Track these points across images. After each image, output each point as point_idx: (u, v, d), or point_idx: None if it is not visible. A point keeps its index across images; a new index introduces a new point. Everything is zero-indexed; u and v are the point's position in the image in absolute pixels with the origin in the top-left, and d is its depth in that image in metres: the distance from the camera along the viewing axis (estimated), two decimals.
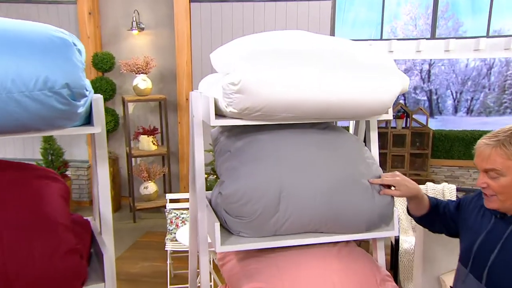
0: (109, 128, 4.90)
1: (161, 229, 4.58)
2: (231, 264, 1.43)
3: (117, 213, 5.12)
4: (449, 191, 3.30)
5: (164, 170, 4.89)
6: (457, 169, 5.13)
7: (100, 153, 1.12)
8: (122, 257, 3.95)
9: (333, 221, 1.30)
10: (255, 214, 1.26)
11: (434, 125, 5.24)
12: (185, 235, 3.01)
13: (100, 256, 1.04)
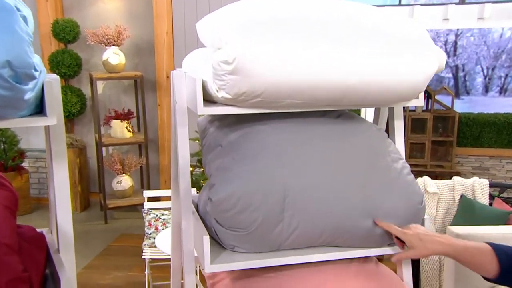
0: (75, 112, 4.79)
1: (137, 231, 4.52)
2: (223, 285, 1.36)
3: (85, 212, 5.05)
4: (480, 187, 3.25)
5: (141, 162, 4.81)
6: (487, 159, 5.10)
7: (57, 150, 1.03)
8: (91, 266, 3.88)
9: (352, 232, 1.23)
10: (254, 225, 1.19)
11: (460, 108, 5.19)
12: (166, 241, 2.95)
13: (58, 280, 0.96)
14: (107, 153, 5.19)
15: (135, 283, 3.61)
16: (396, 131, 1.43)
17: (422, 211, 1.27)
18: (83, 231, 4.57)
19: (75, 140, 4.84)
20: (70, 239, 1.05)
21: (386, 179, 1.25)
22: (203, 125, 1.49)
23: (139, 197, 4.78)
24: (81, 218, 4.89)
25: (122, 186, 4.78)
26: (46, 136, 1.10)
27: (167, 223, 3.41)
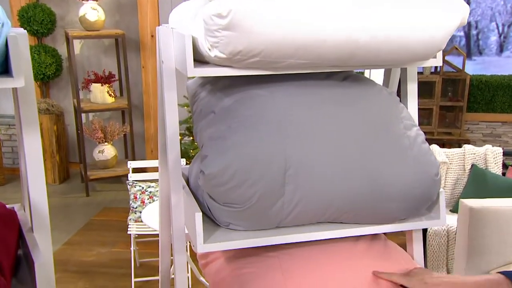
0: (50, 74, 4.68)
1: (121, 204, 4.50)
2: (217, 265, 1.34)
3: (64, 184, 5.01)
4: (493, 155, 3.24)
5: (124, 130, 4.74)
6: (499, 126, 5.08)
7: (26, 116, 0.97)
8: (72, 242, 3.87)
9: (360, 207, 1.20)
10: (251, 201, 1.15)
11: (472, 69, 5.11)
12: (153, 216, 2.92)
13: (32, 262, 0.92)
14: (87, 120, 5.11)
15: (120, 260, 3.61)
16: (409, 95, 1.38)
17: (437, 184, 1.24)
18: (62, 205, 4.54)
19: (51, 106, 4.75)
20: (45, 216, 1.00)
21: (399, 149, 1.21)
22: (194, 89, 1.43)
23: (123, 168, 4.74)
24: (60, 191, 4.85)
25: (105, 156, 4.73)
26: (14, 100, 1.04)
27: (154, 196, 3.38)
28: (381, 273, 1.21)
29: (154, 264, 3.49)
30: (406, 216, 1.26)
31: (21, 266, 1.04)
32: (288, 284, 1.17)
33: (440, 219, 1.28)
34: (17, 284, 0.98)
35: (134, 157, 4.79)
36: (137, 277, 3.26)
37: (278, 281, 1.18)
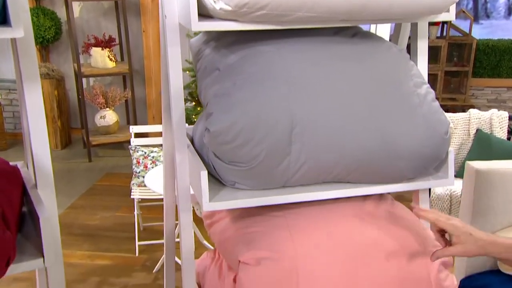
0: (49, 38, 4.61)
1: (124, 170, 4.51)
2: (223, 224, 1.33)
3: (66, 149, 5.01)
4: (498, 120, 3.21)
5: (126, 95, 4.70)
6: (504, 91, 5.03)
7: (27, 69, 0.94)
8: (76, 206, 3.89)
9: (367, 166, 1.18)
10: (257, 159, 1.13)
11: (478, 34, 5.02)
12: (156, 180, 2.92)
13: (36, 218, 0.91)
14: (87, 85, 5.06)
15: (124, 224, 3.63)
16: (419, 53, 1.34)
17: (447, 142, 1.22)
18: (65, 170, 4.54)
19: (52, 70, 4.70)
20: (49, 173, 0.99)
21: (408, 106, 1.18)
22: (197, 46, 1.39)
23: (125, 133, 4.73)
24: (63, 156, 4.85)
25: (106, 122, 4.71)
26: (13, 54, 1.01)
27: (157, 161, 3.37)
28: (424, 211, 1.15)
29: (158, 228, 3.52)
30: (414, 175, 1.24)
31: (26, 223, 1.03)
32: (295, 242, 1.17)
33: (448, 179, 1.26)
34: (22, 239, 0.97)
35: (136, 123, 4.77)
36: (141, 240, 3.29)
37: (285, 239, 1.17)
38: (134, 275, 3.03)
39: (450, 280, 1.21)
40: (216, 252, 1.46)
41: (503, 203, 1.78)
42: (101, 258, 3.21)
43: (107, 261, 3.17)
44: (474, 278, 1.82)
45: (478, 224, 1.81)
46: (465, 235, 1.10)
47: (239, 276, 1.16)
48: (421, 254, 1.20)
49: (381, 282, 1.16)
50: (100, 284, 2.93)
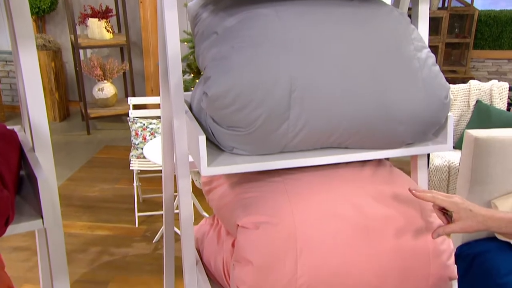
0: (45, 8, 4.54)
1: (123, 143, 4.51)
2: (221, 190, 1.33)
3: (64, 122, 5.00)
4: (499, 91, 3.19)
5: (124, 67, 4.67)
6: (505, 63, 4.99)
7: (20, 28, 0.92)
8: (75, 178, 3.91)
9: (366, 130, 1.18)
10: (255, 124, 1.12)
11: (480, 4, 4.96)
12: (155, 151, 2.92)
13: (34, 180, 0.90)
14: (85, 57, 5.02)
15: (123, 195, 3.65)
16: (420, 17, 1.32)
17: (446, 107, 1.21)
18: (64, 142, 4.54)
19: (48, 41, 4.65)
20: (46, 136, 0.98)
21: (408, 70, 1.17)
22: (195, 10, 1.37)
23: (123, 106, 4.71)
24: (61, 128, 4.84)
25: (104, 94, 4.68)
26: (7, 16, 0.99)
27: (156, 132, 3.36)
28: (422, 191, 1.16)
29: (157, 200, 3.54)
30: (413, 140, 1.24)
31: (25, 186, 1.03)
32: (294, 207, 1.17)
33: (447, 144, 1.26)
34: (21, 201, 0.97)
35: (134, 96, 4.75)
36: (140, 211, 3.31)
37: (283, 204, 1.17)
38: (134, 245, 3.06)
39: (447, 244, 1.22)
40: (215, 218, 1.47)
41: (501, 171, 1.78)
42: (101, 229, 3.23)
43: (107, 232, 3.20)
44: (471, 245, 1.84)
45: (476, 193, 1.82)
46: (465, 211, 1.11)
47: (238, 239, 1.17)
48: (419, 219, 1.20)
49: (379, 246, 1.17)
50: (101, 254, 2.97)
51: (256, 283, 1.13)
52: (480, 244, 1.80)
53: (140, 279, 2.74)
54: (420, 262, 1.18)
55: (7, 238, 3.11)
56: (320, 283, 1.15)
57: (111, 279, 2.74)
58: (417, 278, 1.18)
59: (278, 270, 1.13)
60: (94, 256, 2.95)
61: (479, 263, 1.74)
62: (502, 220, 1.09)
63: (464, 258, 1.81)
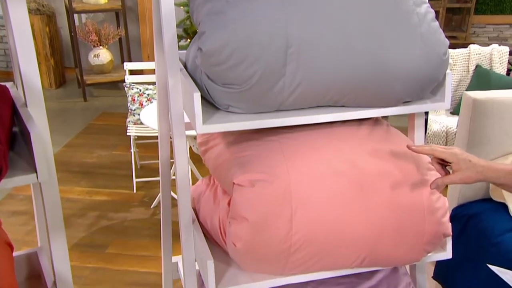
0: None
1: (120, 110, 4.49)
2: (218, 150, 1.33)
3: (61, 89, 4.96)
4: (499, 55, 3.16)
5: (119, 33, 4.60)
6: (506, 28, 4.93)
7: None
8: (73, 144, 3.90)
9: (363, 88, 1.17)
10: (251, 81, 1.11)
11: None
12: (151, 116, 2.91)
13: (27, 135, 0.90)
14: (80, 22, 4.94)
15: (121, 162, 3.65)
16: None
17: (445, 64, 1.19)
18: (60, 109, 4.52)
19: (42, 6, 4.57)
20: (38, 91, 0.97)
21: (406, 25, 1.15)
22: None
23: (120, 73, 4.67)
24: (57, 95, 4.81)
25: (100, 60, 4.63)
26: None
27: (153, 98, 3.34)
28: (419, 146, 1.17)
29: (155, 166, 3.54)
30: (410, 98, 1.23)
31: (18, 143, 1.03)
32: (289, 165, 1.17)
33: (445, 102, 1.25)
34: (15, 157, 0.97)
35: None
36: (138, 178, 3.32)
37: (279, 162, 1.17)
38: (132, 210, 3.08)
39: (442, 202, 1.23)
40: (211, 178, 1.47)
41: (499, 133, 1.78)
42: (99, 194, 3.25)
43: (105, 197, 3.22)
44: (466, 206, 1.85)
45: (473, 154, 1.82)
46: (464, 162, 1.10)
47: (233, 197, 1.17)
48: (415, 176, 1.21)
49: (374, 203, 1.18)
50: (99, 219, 2.99)
51: (251, 239, 1.14)
52: (475, 206, 1.82)
53: (139, 243, 2.77)
54: (415, 219, 1.19)
55: (6, 202, 3.12)
56: (315, 240, 1.16)
57: (109, 242, 2.77)
58: (411, 235, 1.20)
59: (274, 226, 1.14)
60: (92, 220, 2.97)
61: (473, 224, 1.76)
62: (500, 171, 1.09)
63: (459, 220, 1.82)
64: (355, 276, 1.39)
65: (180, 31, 4.00)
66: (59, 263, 1.06)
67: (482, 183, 1.86)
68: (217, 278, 1.25)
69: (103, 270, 2.55)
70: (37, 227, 1.34)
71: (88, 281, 2.46)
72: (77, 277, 2.48)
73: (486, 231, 1.69)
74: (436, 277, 1.96)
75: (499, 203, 1.78)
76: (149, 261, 2.62)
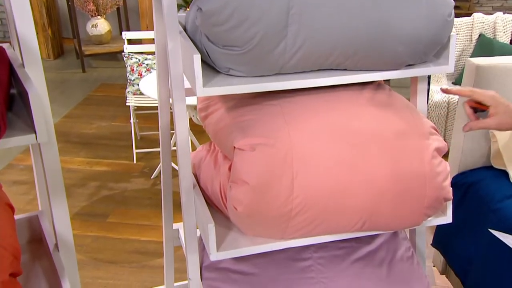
0: None
1: (119, 81, 4.46)
2: (218, 115, 1.32)
3: (59, 59, 4.92)
4: (503, 23, 3.12)
5: (117, 2, 4.53)
6: None
7: None
8: (72, 115, 3.89)
9: (366, 50, 1.15)
10: (252, 42, 1.09)
11: None
12: (151, 86, 2.89)
13: (26, 96, 0.88)
14: None
15: (121, 133, 3.65)
16: None
17: (449, 25, 1.17)
18: (59, 80, 4.49)
19: None
20: (35, 52, 0.95)
21: None
22: None
23: (118, 43, 4.62)
24: (56, 66, 4.77)
25: (98, 31, 4.58)
26: None
27: (152, 68, 3.31)
28: (458, 89, 1.13)
29: (155, 137, 3.54)
30: (413, 61, 1.21)
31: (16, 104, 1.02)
32: (290, 128, 1.16)
33: (449, 65, 1.23)
34: (14, 118, 0.96)
35: None
36: (138, 148, 3.32)
37: (280, 126, 1.16)
38: (133, 181, 3.09)
39: (443, 166, 1.22)
40: (212, 144, 1.46)
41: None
42: (100, 165, 3.25)
43: (105, 168, 3.22)
44: (467, 174, 1.85)
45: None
46: (503, 106, 1.06)
47: (234, 161, 1.17)
48: (417, 140, 1.20)
49: (375, 167, 1.17)
50: (100, 189, 3.00)
51: (252, 203, 1.14)
52: (475, 173, 1.82)
53: (139, 212, 2.78)
54: (416, 183, 1.19)
55: (7, 172, 3.13)
56: (316, 204, 1.16)
57: (110, 212, 2.78)
58: (412, 199, 1.20)
59: (274, 190, 1.14)
60: (93, 190, 2.98)
61: (474, 191, 1.76)
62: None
63: (459, 187, 1.82)
64: (355, 241, 1.40)
65: (180, 0, 3.94)
66: (61, 225, 1.07)
67: (484, 150, 1.85)
68: (218, 242, 1.25)
69: (104, 238, 2.57)
70: (37, 192, 1.34)
71: (90, 249, 2.49)
72: (78, 245, 2.50)
73: (486, 197, 1.69)
74: (435, 244, 1.98)
75: (500, 171, 1.78)
76: (149, 230, 2.64)
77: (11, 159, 3.23)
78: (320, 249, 1.38)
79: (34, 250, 1.21)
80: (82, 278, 2.28)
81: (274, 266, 1.37)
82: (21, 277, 1.13)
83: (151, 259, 2.42)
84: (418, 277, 1.38)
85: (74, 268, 1.12)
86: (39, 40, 4.75)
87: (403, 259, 1.40)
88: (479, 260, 1.70)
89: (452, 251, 1.85)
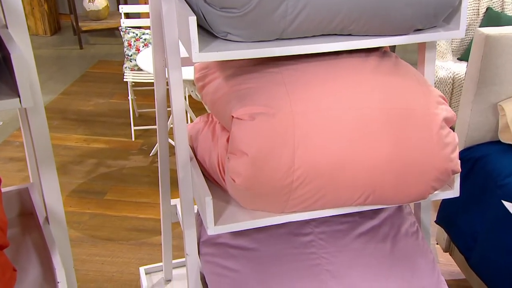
0: None
1: (117, 58, 4.39)
2: (216, 84, 1.26)
3: (56, 36, 4.83)
4: None
5: None
6: None
7: None
8: (69, 92, 3.83)
9: (371, 13, 1.09)
10: (251, 3, 1.03)
11: None
12: (148, 61, 2.82)
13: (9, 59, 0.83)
14: None
15: (119, 110, 3.59)
16: None
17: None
18: (55, 56, 4.41)
19: None
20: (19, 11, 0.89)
21: None
22: None
23: (115, 19, 4.54)
24: (53, 42, 4.69)
25: (96, 6, 4.49)
26: None
27: (149, 43, 3.24)
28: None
29: (153, 115, 3.48)
30: (422, 26, 1.15)
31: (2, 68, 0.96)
32: (292, 97, 1.10)
33: (460, 30, 1.17)
34: None
35: None
36: (136, 126, 3.27)
37: (281, 95, 1.11)
38: (131, 158, 3.04)
39: (452, 137, 1.17)
40: (209, 115, 1.41)
41: (510, 72, 1.70)
42: (97, 142, 3.20)
43: (103, 145, 3.17)
44: (473, 149, 1.80)
45: (483, 95, 1.75)
46: None
47: (232, 131, 1.11)
48: (424, 110, 1.14)
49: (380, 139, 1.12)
50: (97, 166, 2.96)
51: (251, 175, 1.09)
52: (482, 148, 1.76)
53: (137, 190, 2.74)
54: (423, 155, 1.13)
55: (2, 149, 3.08)
56: (318, 175, 1.11)
57: (108, 189, 2.74)
58: (419, 171, 1.14)
59: (274, 162, 1.09)
60: (90, 167, 2.94)
61: (481, 166, 1.71)
62: None
63: (466, 162, 1.77)
64: (358, 215, 1.36)
65: None
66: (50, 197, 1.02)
67: (491, 124, 1.80)
68: (216, 216, 1.21)
69: (102, 216, 2.53)
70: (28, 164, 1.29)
71: (87, 227, 2.45)
72: (76, 222, 2.47)
73: (493, 172, 1.64)
74: (439, 221, 1.93)
75: (508, 145, 1.72)
76: (148, 207, 2.60)
77: (7, 135, 3.18)
78: (321, 224, 1.34)
79: (25, 223, 1.17)
80: (79, 256, 2.25)
81: (274, 241, 1.33)
82: (11, 250, 1.09)
83: (149, 236, 2.39)
84: (423, 252, 1.34)
85: (66, 241, 1.08)
86: (35, 16, 4.68)
87: (407, 234, 1.36)
88: (484, 236, 1.66)
89: (457, 228, 1.81)
